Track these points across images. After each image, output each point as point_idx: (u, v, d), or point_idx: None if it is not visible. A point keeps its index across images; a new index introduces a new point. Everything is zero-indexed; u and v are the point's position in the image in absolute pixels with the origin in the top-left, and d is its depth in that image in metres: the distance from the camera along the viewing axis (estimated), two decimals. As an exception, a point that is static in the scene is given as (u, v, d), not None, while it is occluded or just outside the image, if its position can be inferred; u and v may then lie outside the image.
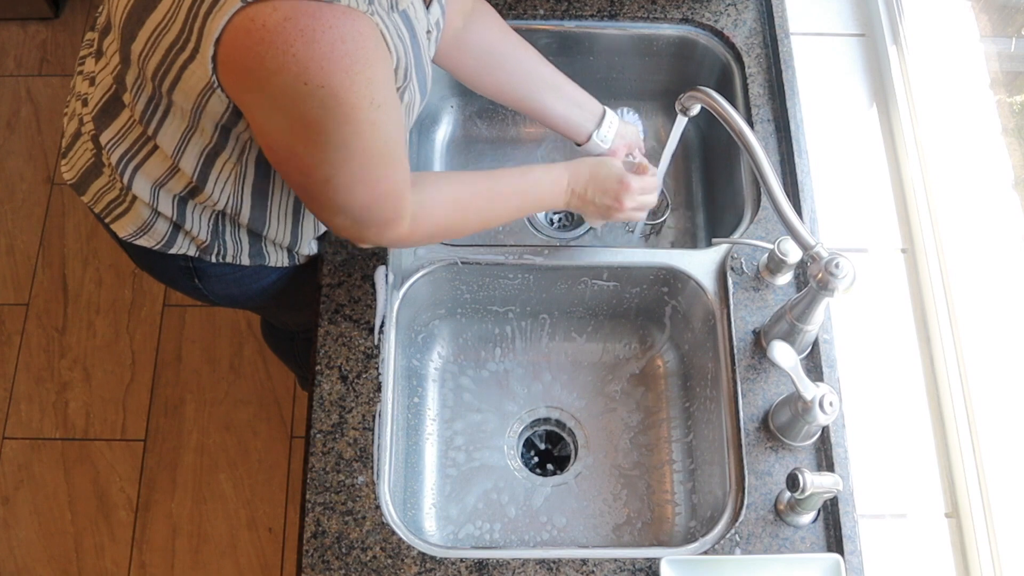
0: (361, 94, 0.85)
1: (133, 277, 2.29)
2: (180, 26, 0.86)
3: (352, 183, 0.95)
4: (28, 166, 2.42)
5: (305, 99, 0.84)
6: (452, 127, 1.58)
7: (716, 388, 1.22)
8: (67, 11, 2.63)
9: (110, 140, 1.08)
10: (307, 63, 0.81)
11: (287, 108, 0.85)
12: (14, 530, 2.04)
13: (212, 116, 0.95)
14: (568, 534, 1.28)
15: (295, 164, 0.94)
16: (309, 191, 0.98)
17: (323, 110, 0.85)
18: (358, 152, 0.91)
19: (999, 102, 1.38)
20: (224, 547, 2.02)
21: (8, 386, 2.18)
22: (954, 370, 1.19)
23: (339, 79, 0.83)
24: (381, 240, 1.06)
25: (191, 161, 1.04)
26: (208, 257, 1.18)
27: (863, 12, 1.48)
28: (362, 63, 0.84)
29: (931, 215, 1.28)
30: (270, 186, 1.09)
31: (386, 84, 0.90)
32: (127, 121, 1.06)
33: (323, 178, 0.94)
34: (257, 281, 1.26)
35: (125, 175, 1.09)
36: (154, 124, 1.01)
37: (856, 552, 1.08)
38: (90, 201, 1.18)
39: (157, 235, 1.15)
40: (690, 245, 1.49)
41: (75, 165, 1.17)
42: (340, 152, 0.90)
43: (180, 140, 1.01)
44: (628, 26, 1.45)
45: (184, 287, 1.27)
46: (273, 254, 1.22)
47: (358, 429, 1.14)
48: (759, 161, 1.06)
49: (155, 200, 1.10)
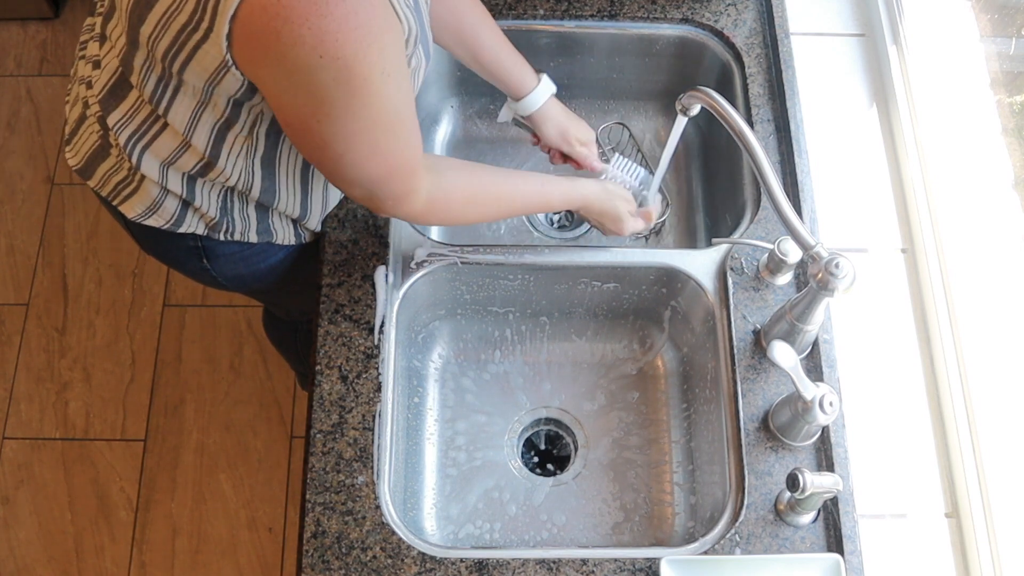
0: (373, 65, 0.87)
1: (133, 277, 2.29)
2: (192, 7, 0.87)
3: (365, 157, 0.97)
4: (28, 166, 2.42)
5: (319, 72, 0.85)
6: (452, 127, 1.58)
7: (716, 388, 1.22)
8: (67, 11, 2.63)
9: (118, 121, 1.09)
10: (322, 36, 0.82)
11: (302, 82, 0.87)
12: (14, 530, 2.04)
13: (226, 92, 0.96)
14: (568, 533, 1.28)
15: (311, 139, 0.95)
16: (326, 165, 1.00)
17: (336, 83, 0.86)
18: (369, 124, 0.93)
19: (999, 102, 1.38)
20: (224, 547, 2.02)
21: (8, 386, 2.18)
22: (954, 370, 1.19)
23: (352, 50, 0.84)
24: (397, 212, 1.08)
25: (203, 137, 1.05)
26: (217, 235, 1.19)
27: (863, 12, 1.48)
28: (375, 34, 0.85)
29: (931, 215, 1.28)
30: (278, 157, 1.11)
31: (396, 54, 0.91)
32: (135, 101, 1.07)
33: (337, 153, 0.96)
34: (264, 259, 1.28)
35: (133, 155, 1.10)
36: (164, 103, 1.02)
37: (856, 552, 1.08)
38: (96, 184, 1.18)
39: (166, 214, 1.16)
40: (690, 245, 1.49)
41: (80, 150, 1.18)
42: (352, 125, 0.92)
43: (192, 116, 1.03)
44: (628, 26, 1.45)
45: (192, 269, 1.28)
46: (280, 231, 1.23)
47: (358, 429, 1.14)
48: (759, 161, 1.06)
49: (164, 179, 1.12)
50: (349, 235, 1.25)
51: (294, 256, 1.30)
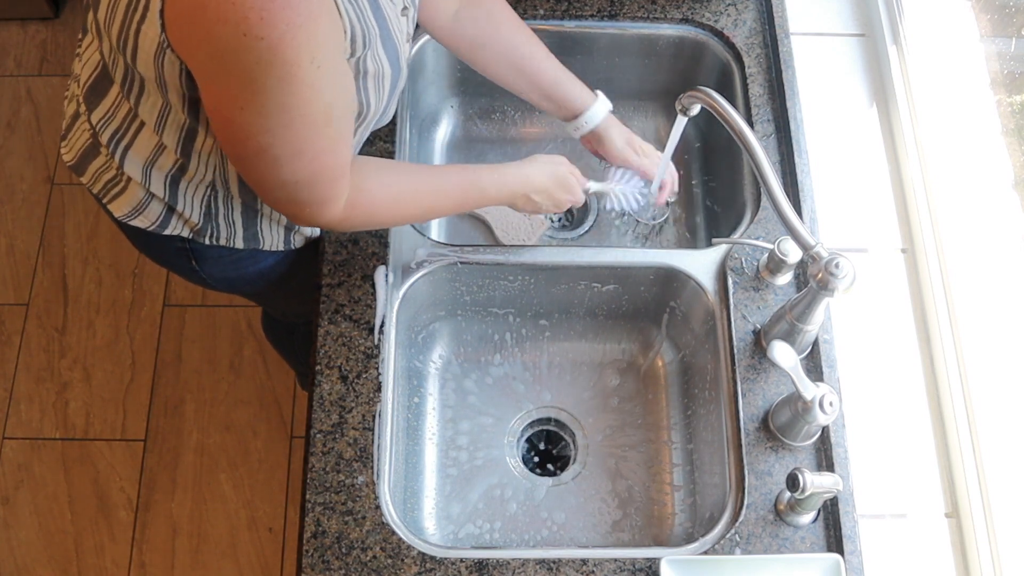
0: (300, 50, 0.83)
1: (133, 277, 2.29)
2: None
3: (290, 156, 0.92)
4: (28, 166, 2.43)
5: (244, 53, 0.81)
6: (452, 127, 1.58)
7: (716, 388, 1.22)
8: (67, 11, 2.63)
9: (101, 119, 1.09)
10: (247, 12, 0.79)
11: (227, 64, 0.83)
12: (14, 530, 2.04)
13: (173, 86, 0.93)
14: (567, 532, 1.28)
15: (233, 131, 0.90)
16: (246, 162, 0.94)
17: (260, 66, 0.82)
18: (296, 118, 0.88)
19: (999, 102, 1.38)
20: (224, 547, 2.02)
21: (8, 386, 2.18)
22: (954, 370, 1.19)
23: (279, 31, 0.81)
24: (316, 221, 1.03)
25: (172, 137, 1.03)
26: (202, 240, 1.18)
27: (863, 12, 1.48)
28: (304, 16, 0.82)
29: (931, 215, 1.28)
30: None
31: (330, 46, 0.87)
32: (115, 98, 1.05)
33: (259, 147, 0.90)
34: (254, 264, 1.26)
35: (117, 154, 1.09)
36: (134, 99, 1.01)
37: (856, 552, 1.08)
38: (89, 182, 1.18)
39: (152, 215, 1.15)
40: (690, 245, 1.49)
41: (73, 146, 1.18)
42: (276, 117, 0.87)
43: (159, 116, 1.01)
44: (628, 26, 1.45)
45: (182, 269, 1.27)
46: (268, 237, 1.21)
47: (358, 429, 1.14)
48: (759, 161, 1.06)
49: (147, 180, 1.10)
50: (349, 235, 1.25)
51: (285, 262, 1.28)
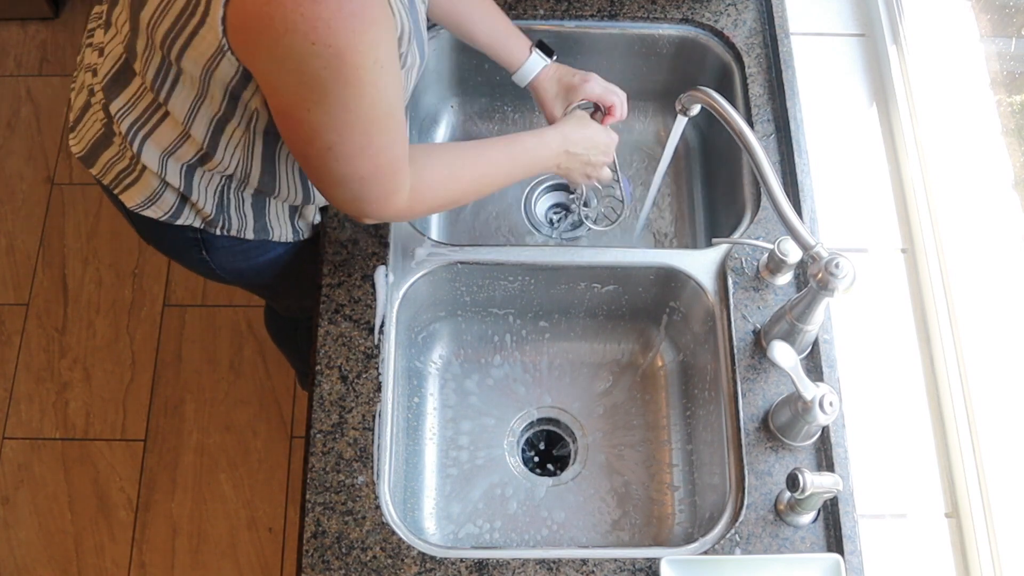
0: (365, 54, 0.87)
1: (133, 277, 2.29)
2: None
3: (353, 152, 0.96)
4: (28, 166, 2.42)
5: (311, 59, 0.85)
6: (452, 127, 1.58)
7: (716, 388, 1.22)
8: (67, 11, 2.63)
9: (120, 108, 1.10)
10: (314, 21, 0.83)
11: (294, 69, 0.87)
12: (14, 530, 2.04)
13: (221, 81, 0.96)
14: (567, 532, 1.28)
15: (300, 132, 0.95)
16: (311, 161, 0.98)
17: (328, 71, 0.86)
18: (360, 117, 0.92)
19: (999, 102, 1.38)
20: (224, 547, 2.02)
21: (8, 386, 2.18)
22: (954, 370, 1.19)
23: (345, 38, 0.84)
24: (382, 214, 1.07)
25: (201, 128, 1.05)
26: (213, 230, 1.20)
27: (863, 12, 1.48)
28: (367, 22, 0.86)
29: (931, 215, 1.28)
30: (277, 152, 1.11)
31: (389, 47, 0.91)
32: (138, 89, 1.07)
33: (325, 146, 0.95)
34: (264, 254, 1.28)
35: (135, 143, 1.10)
36: (165, 91, 1.03)
37: (856, 552, 1.08)
38: (99, 172, 1.19)
39: (165, 205, 1.17)
40: (690, 245, 1.49)
41: (83, 137, 1.19)
42: (342, 117, 0.91)
43: (191, 107, 1.03)
44: (628, 26, 1.45)
45: (191, 260, 1.28)
46: (277, 227, 1.23)
47: (358, 429, 1.14)
48: (759, 161, 1.06)
49: (163, 170, 1.12)
50: (349, 235, 1.25)
51: (293, 252, 1.30)
